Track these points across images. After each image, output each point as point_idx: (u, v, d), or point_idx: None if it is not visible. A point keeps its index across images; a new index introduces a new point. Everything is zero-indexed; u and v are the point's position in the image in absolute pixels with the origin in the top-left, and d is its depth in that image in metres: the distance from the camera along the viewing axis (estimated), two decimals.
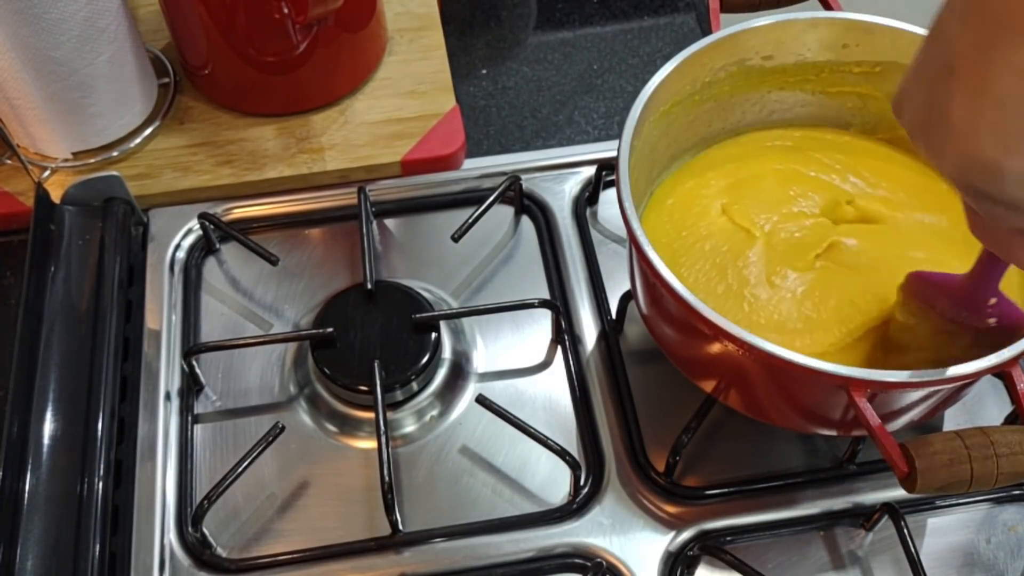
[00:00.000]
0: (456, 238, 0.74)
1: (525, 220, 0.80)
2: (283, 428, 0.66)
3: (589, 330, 0.73)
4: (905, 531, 0.63)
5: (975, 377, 0.54)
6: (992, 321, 0.57)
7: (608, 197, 0.80)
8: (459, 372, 0.72)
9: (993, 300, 0.56)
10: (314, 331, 0.70)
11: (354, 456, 0.69)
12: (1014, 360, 0.54)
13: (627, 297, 0.72)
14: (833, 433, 0.63)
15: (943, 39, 0.40)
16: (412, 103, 0.84)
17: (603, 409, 0.69)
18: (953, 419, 0.69)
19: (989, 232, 0.46)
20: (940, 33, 0.41)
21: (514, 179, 0.78)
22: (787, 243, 0.66)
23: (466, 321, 0.74)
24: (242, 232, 0.76)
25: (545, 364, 0.73)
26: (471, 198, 0.79)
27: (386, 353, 0.69)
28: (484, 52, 0.93)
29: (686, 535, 0.64)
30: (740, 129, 0.72)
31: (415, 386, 0.70)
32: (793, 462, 0.68)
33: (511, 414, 0.66)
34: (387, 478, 0.63)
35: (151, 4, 0.90)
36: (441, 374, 0.71)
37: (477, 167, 0.81)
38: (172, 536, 0.65)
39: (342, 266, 0.77)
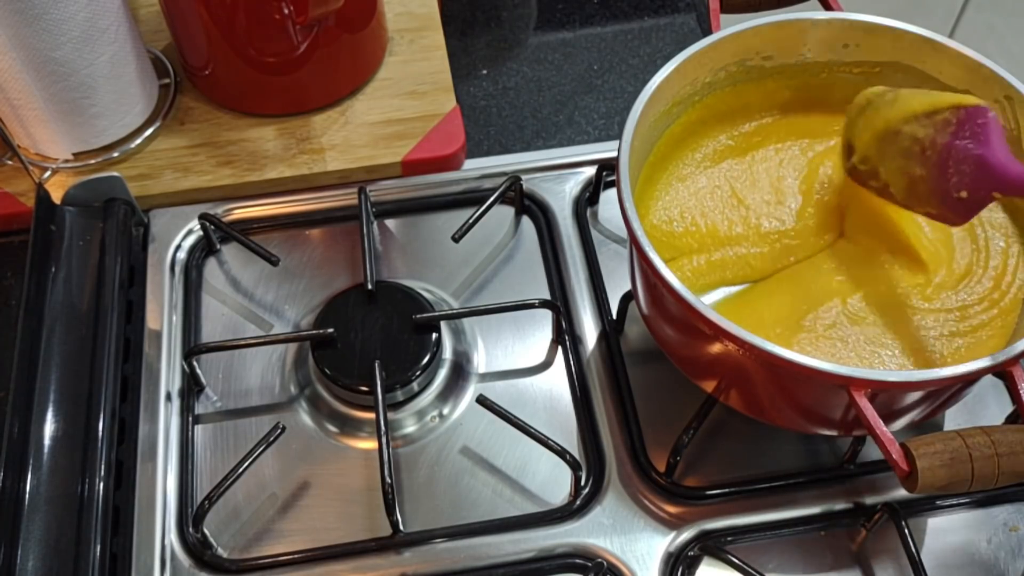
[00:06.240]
0: (457, 238, 0.74)
1: (525, 220, 0.80)
2: (284, 428, 0.66)
3: (590, 330, 0.73)
4: (906, 531, 0.63)
5: (976, 376, 0.54)
6: (963, 194, 0.57)
7: (609, 197, 0.80)
8: (460, 372, 0.72)
9: (995, 194, 0.56)
10: (315, 331, 0.70)
11: (355, 456, 0.69)
12: (1014, 360, 0.54)
13: (628, 297, 0.72)
14: (834, 433, 0.63)
15: None
16: (412, 103, 0.84)
17: (604, 409, 0.69)
18: (954, 419, 0.69)
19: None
20: None
21: (514, 179, 0.78)
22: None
23: (467, 321, 0.74)
24: (243, 233, 0.76)
25: (546, 364, 0.73)
26: (472, 198, 0.80)
27: (387, 353, 0.69)
28: (484, 52, 0.93)
29: (687, 535, 0.64)
30: (740, 127, 0.72)
31: (416, 386, 0.70)
32: (794, 462, 0.67)
33: (512, 414, 0.66)
34: (388, 478, 0.63)
35: (151, 5, 0.90)
36: (442, 374, 0.71)
37: (477, 167, 0.81)
38: (173, 536, 0.65)
39: (343, 266, 0.77)
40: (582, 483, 0.66)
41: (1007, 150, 0.55)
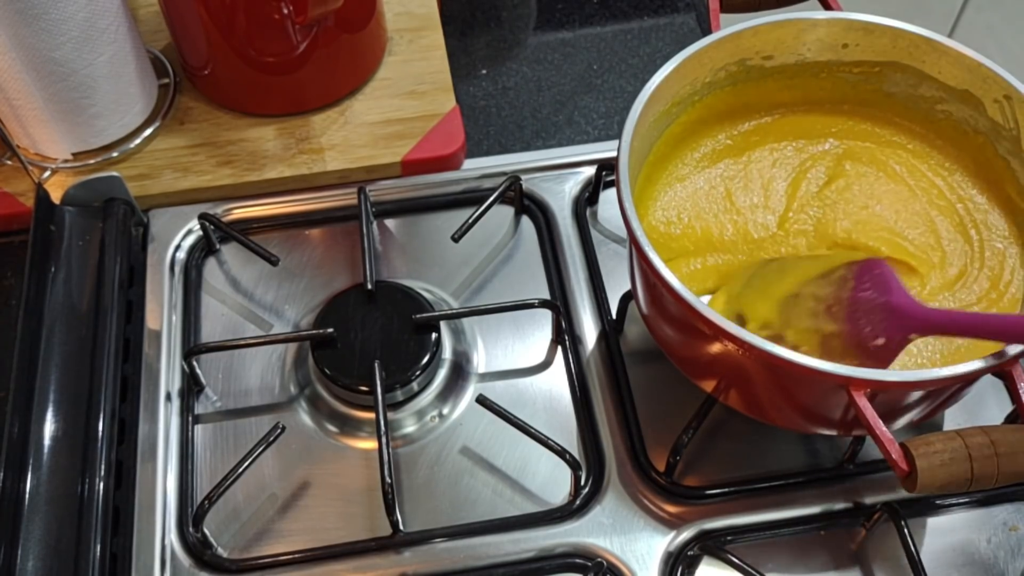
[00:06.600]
0: (456, 238, 0.74)
1: (525, 220, 0.80)
2: (283, 428, 0.66)
3: (589, 330, 0.73)
4: (905, 531, 0.63)
5: (975, 376, 0.54)
6: (880, 341, 0.57)
7: (608, 197, 0.80)
8: (459, 372, 0.72)
9: (912, 337, 0.56)
10: (314, 331, 0.70)
11: (355, 456, 0.69)
12: (1014, 359, 0.54)
13: (627, 297, 0.72)
14: (833, 433, 0.63)
15: None
16: (412, 103, 0.84)
17: (603, 409, 0.69)
18: (953, 419, 0.69)
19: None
20: None
21: (514, 179, 0.78)
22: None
23: (466, 321, 0.74)
24: (242, 232, 0.76)
25: (545, 364, 0.73)
26: (471, 198, 0.79)
27: (386, 353, 0.69)
28: (484, 52, 0.93)
29: (686, 535, 0.64)
30: (740, 126, 0.72)
31: (415, 386, 0.70)
32: (793, 462, 0.68)
33: (511, 414, 0.66)
34: (388, 478, 0.63)
35: (151, 5, 0.90)
36: (441, 374, 0.71)
37: (477, 167, 0.81)
38: (173, 536, 0.65)
39: (342, 266, 0.77)
40: (582, 483, 0.66)
41: (908, 293, 0.56)
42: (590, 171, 0.80)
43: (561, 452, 0.65)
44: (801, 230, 0.66)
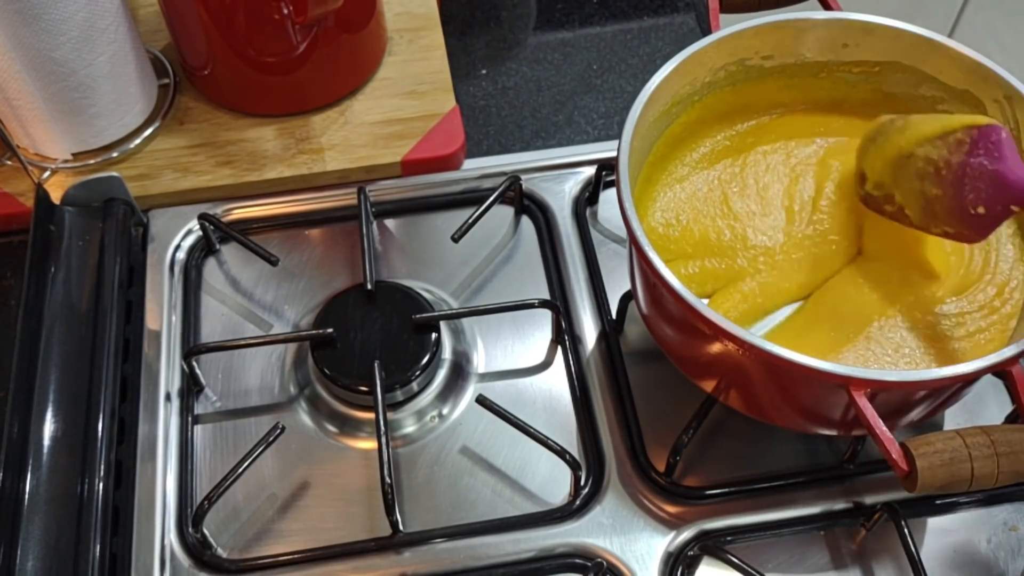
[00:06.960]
0: (456, 238, 0.74)
1: (525, 220, 0.80)
2: (283, 429, 0.66)
3: (589, 330, 0.73)
4: (905, 531, 0.63)
5: (975, 376, 0.54)
6: (980, 209, 0.57)
7: (608, 197, 0.80)
8: (459, 372, 0.72)
9: (1015, 209, 0.55)
10: (314, 331, 0.70)
11: (354, 457, 0.69)
12: (1014, 359, 0.54)
13: (627, 297, 0.72)
14: (833, 433, 0.63)
15: None
16: (412, 103, 0.84)
17: (603, 409, 0.69)
18: (953, 418, 0.69)
19: None
20: None
21: (514, 179, 0.78)
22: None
23: (466, 321, 0.74)
24: (242, 233, 0.76)
25: (545, 364, 0.73)
26: (471, 198, 0.79)
27: (386, 353, 0.69)
28: (484, 52, 0.93)
29: (686, 535, 0.64)
30: (738, 126, 0.72)
31: (415, 386, 0.70)
32: (793, 462, 0.68)
33: (511, 414, 0.66)
34: (387, 478, 0.63)
35: (151, 5, 0.90)
36: (441, 374, 0.71)
37: (477, 167, 0.81)
38: (172, 537, 0.65)
39: (342, 266, 0.77)
40: (582, 483, 0.66)
41: (1022, 164, 0.55)
42: (590, 171, 0.80)
43: (561, 452, 0.65)
44: (814, 246, 0.66)
